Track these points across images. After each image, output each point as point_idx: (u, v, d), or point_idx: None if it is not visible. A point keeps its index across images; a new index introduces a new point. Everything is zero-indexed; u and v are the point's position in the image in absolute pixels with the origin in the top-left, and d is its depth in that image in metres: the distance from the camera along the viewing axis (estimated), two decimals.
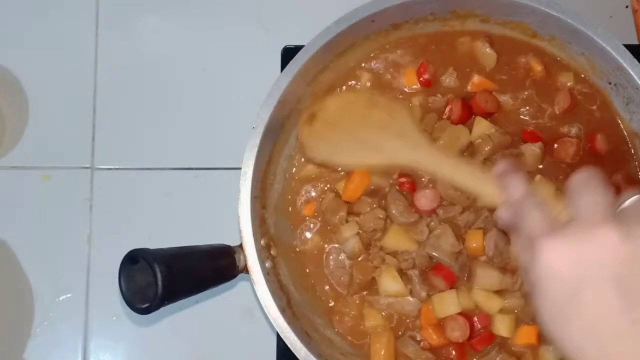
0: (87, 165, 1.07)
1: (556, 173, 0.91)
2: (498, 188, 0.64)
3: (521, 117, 0.93)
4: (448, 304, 0.86)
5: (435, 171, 0.76)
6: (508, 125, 0.92)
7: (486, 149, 0.89)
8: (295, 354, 0.82)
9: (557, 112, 0.92)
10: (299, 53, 0.86)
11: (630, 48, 0.87)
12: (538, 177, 0.89)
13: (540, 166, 0.91)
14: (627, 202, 0.56)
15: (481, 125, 0.91)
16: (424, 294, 0.87)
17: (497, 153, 0.89)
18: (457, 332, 0.86)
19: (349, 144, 0.84)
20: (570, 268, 0.53)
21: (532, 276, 0.55)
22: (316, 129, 0.88)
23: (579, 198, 0.56)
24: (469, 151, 0.90)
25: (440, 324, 0.87)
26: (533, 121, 0.93)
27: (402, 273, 0.88)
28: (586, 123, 0.93)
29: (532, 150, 0.90)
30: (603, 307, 0.52)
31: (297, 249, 0.92)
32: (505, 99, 0.93)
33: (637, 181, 0.91)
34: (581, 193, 0.57)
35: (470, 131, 0.90)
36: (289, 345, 0.82)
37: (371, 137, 0.83)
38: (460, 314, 0.86)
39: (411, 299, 0.88)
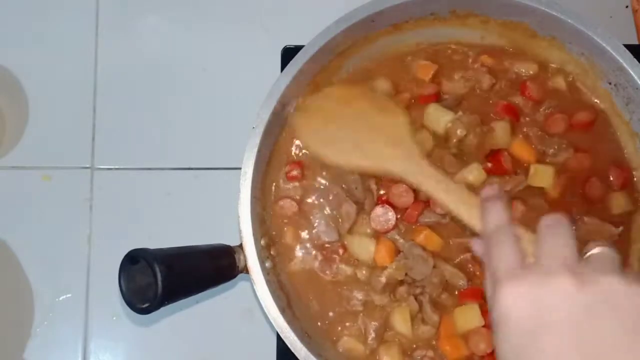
0: (87, 165, 1.07)
1: (547, 146, 0.91)
2: (480, 213, 0.64)
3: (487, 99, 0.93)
4: (471, 316, 0.86)
5: (421, 185, 0.76)
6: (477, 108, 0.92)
7: (458, 131, 0.89)
8: (295, 354, 0.82)
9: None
10: (299, 53, 0.86)
11: (630, 48, 0.87)
12: (533, 167, 0.89)
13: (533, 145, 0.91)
14: (592, 252, 0.57)
15: (430, 107, 0.90)
16: (436, 317, 0.87)
17: (470, 134, 0.90)
18: (483, 344, 0.85)
19: (342, 141, 0.83)
20: (529, 312, 0.53)
21: (493, 315, 0.55)
22: (311, 116, 0.87)
23: (543, 242, 0.57)
24: (442, 140, 0.90)
25: (462, 337, 0.86)
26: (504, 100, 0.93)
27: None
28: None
29: (501, 125, 0.91)
30: (560, 354, 0.52)
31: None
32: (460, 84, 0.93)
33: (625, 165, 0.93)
34: (546, 237, 0.57)
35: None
36: (289, 345, 0.82)
37: (365, 138, 0.82)
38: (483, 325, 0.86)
39: (424, 327, 0.87)
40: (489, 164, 0.90)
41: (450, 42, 0.95)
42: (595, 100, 0.94)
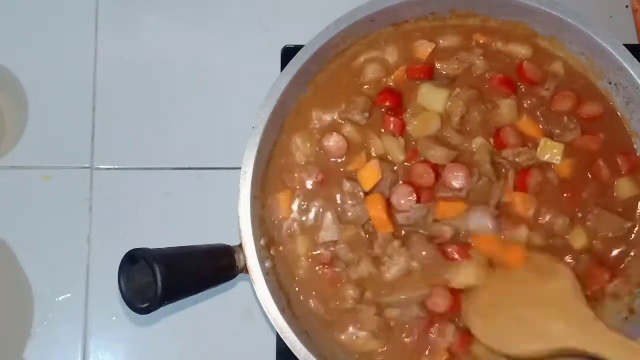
0: (87, 165, 1.07)
1: (554, 123, 0.91)
2: None
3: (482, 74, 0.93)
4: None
5: (605, 355, 0.74)
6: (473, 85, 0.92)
7: (459, 109, 0.89)
8: (295, 354, 0.82)
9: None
10: (299, 53, 0.86)
11: (631, 48, 0.87)
12: (543, 140, 0.90)
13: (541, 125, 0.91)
14: None
15: (422, 87, 0.91)
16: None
17: (474, 111, 0.90)
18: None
19: (513, 329, 0.82)
20: None
21: None
22: (481, 311, 0.85)
23: None
24: (444, 121, 0.90)
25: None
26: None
27: None
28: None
29: (507, 103, 0.91)
30: None
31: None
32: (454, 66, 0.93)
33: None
34: None
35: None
36: (289, 345, 0.82)
37: (536, 319, 0.81)
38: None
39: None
40: (492, 140, 0.90)
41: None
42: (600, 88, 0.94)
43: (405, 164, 0.90)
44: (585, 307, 0.79)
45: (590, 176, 0.91)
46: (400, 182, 0.89)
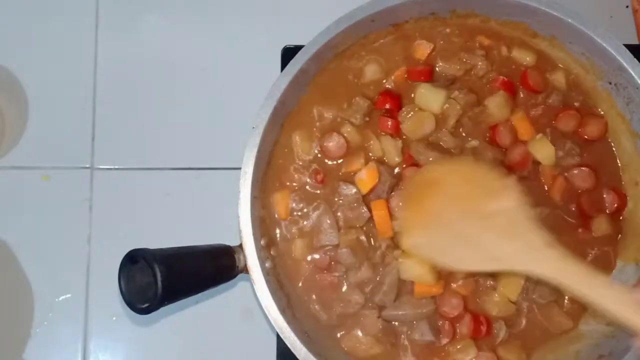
0: (87, 165, 1.07)
1: (555, 141, 0.91)
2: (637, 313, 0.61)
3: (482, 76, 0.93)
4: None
5: (556, 278, 0.67)
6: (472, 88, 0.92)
7: (455, 112, 0.90)
8: (295, 354, 0.82)
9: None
10: (299, 53, 0.86)
11: (631, 48, 0.87)
12: (539, 135, 0.90)
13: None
14: None
15: (421, 87, 0.91)
16: None
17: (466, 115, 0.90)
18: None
19: (458, 244, 0.74)
20: None
21: None
22: (412, 218, 0.79)
23: None
24: (439, 122, 0.90)
25: None
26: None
27: None
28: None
29: (495, 101, 0.91)
30: None
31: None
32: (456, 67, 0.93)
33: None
34: None
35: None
36: (289, 345, 0.82)
37: (480, 236, 0.72)
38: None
39: None
40: (487, 140, 0.91)
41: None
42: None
43: (404, 166, 0.90)
44: (536, 229, 0.70)
45: (577, 203, 0.91)
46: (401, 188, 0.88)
